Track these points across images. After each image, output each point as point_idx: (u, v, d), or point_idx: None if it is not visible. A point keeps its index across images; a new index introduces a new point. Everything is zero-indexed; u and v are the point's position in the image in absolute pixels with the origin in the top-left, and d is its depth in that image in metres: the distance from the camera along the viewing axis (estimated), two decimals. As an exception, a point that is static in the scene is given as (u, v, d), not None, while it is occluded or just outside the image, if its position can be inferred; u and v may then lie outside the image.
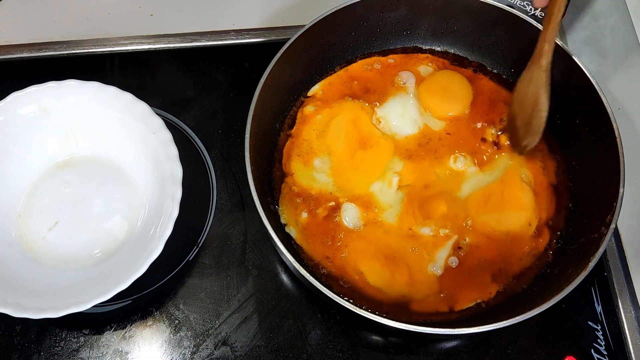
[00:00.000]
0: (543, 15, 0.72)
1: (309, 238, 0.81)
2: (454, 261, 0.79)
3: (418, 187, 0.83)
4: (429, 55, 0.95)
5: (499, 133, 0.87)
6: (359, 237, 0.81)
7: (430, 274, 0.79)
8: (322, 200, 0.83)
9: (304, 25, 0.85)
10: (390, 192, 0.83)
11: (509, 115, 0.84)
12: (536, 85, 0.72)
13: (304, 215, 0.82)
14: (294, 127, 0.89)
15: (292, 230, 0.82)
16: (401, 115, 0.88)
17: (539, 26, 0.82)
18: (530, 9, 0.88)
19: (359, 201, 0.83)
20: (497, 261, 0.80)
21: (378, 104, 0.89)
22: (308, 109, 0.90)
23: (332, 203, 0.83)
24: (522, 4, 0.89)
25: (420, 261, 0.79)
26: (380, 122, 0.88)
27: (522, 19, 0.84)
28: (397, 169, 0.84)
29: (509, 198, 0.81)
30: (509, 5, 0.86)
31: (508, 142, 0.85)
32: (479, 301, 0.78)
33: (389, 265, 0.78)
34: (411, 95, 0.90)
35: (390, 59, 0.94)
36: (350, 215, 0.82)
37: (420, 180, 0.84)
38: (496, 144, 0.86)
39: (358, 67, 0.94)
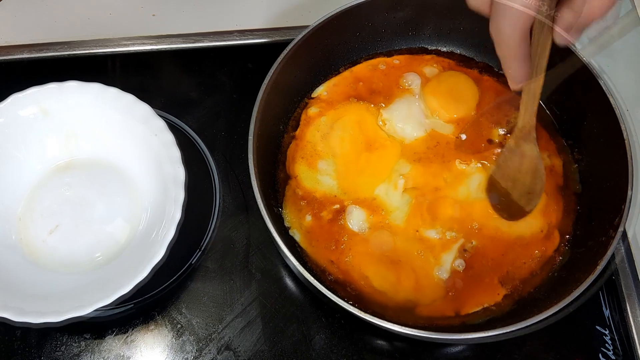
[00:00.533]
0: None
1: (313, 241, 0.80)
2: (460, 264, 0.78)
3: (426, 190, 0.83)
4: (434, 56, 0.95)
5: (508, 135, 0.86)
6: (364, 240, 0.80)
7: (437, 278, 0.78)
8: (326, 203, 0.82)
9: (309, 26, 0.84)
10: (396, 195, 0.82)
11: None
12: (531, 157, 0.76)
13: (308, 218, 0.81)
14: (298, 129, 0.88)
15: (296, 234, 0.81)
16: (406, 118, 0.87)
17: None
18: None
19: (364, 204, 0.82)
20: (505, 264, 0.79)
21: (383, 106, 0.89)
22: (312, 110, 0.89)
23: (337, 206, 0.82)
24: (528, 4, 0.88)
25: (426, 265, 0.78)
26: (385, 124, 0.87)
27: (528, 19, 0.83)
28: (403, 172, 0.83)
29: None
30: (515, 6, 0.85)
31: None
32: (485, 305, 0.77)
33: (395, 269, 0.77)
34: (417, 97, 0.89)
35: (396, 60, 0.93)
36: (355, 218, 0.81)
37: (428, 183, 0.83)
38: (503, 145, 0.85)
39: (363, 68, 0.93)
